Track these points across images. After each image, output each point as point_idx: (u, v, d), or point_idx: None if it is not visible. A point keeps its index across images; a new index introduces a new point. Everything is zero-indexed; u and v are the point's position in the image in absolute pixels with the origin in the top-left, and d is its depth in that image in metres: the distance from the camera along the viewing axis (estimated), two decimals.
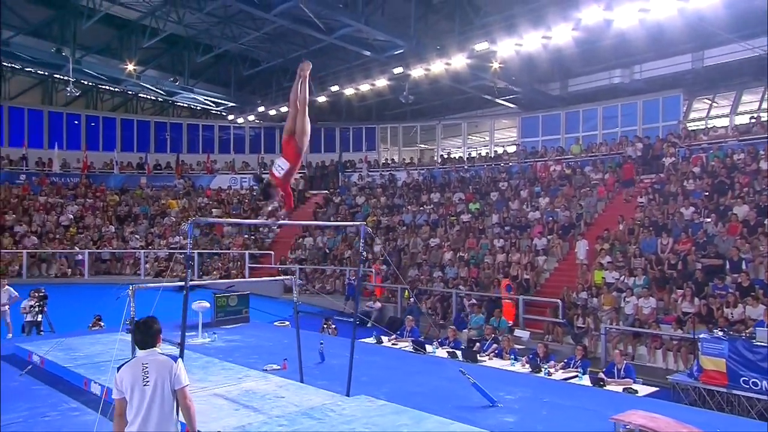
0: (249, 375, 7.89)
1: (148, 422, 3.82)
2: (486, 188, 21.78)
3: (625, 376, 8.40)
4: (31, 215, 22.95)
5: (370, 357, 9.70)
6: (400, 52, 19.90)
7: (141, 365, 3.91)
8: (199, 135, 30.02)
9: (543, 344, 9.86)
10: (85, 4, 21.44)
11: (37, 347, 9.79)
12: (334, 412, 5.83)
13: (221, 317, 13.09)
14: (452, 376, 7.80)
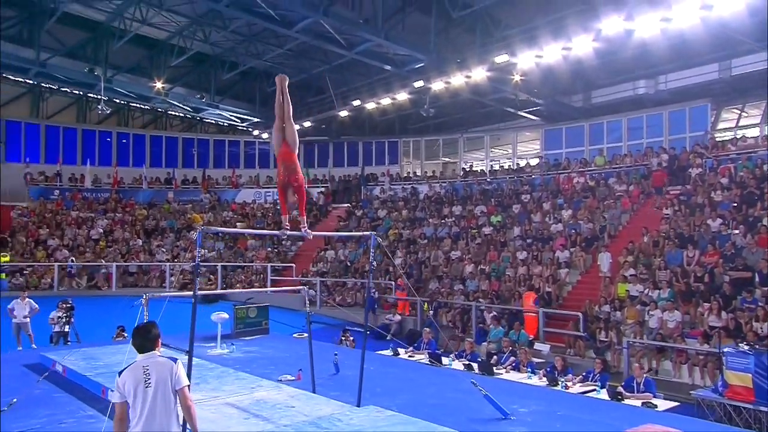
0: (262, 385, 7.91)
1: (152, 422, 3.87)
2: (508, 201, 21.60)
3: (645, 390, 8.16)
4: (63, 229, 23.60)
5: (386, 369, 9.65)
6: (420, 65, 20.01)
7: (142, 368, 3.97)
8: (225, 150, 30.59)
9: (561, 357, 9.66)
10: (116, 26, 22.22)
11: (61, 356, 9.99)
12: (341, 422, 5.79)
13: (241, 329, 13.19)
14: (467, 388, 7.69)
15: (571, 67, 21.15)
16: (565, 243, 17.25)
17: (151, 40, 23.78)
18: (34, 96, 29.64)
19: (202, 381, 8.05)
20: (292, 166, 6.31)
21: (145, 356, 4.04)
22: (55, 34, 22.69)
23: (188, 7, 19.97)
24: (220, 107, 26.60)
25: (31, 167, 26.90)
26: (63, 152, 28.40)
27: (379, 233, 21.84)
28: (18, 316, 13.71)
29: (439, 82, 19.72)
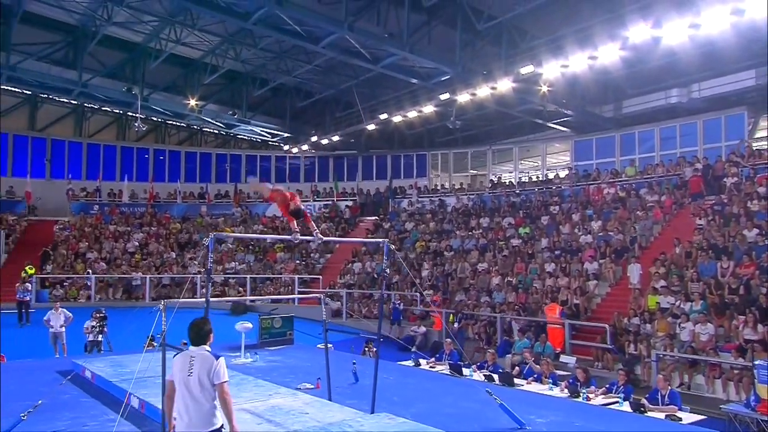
0: (279, 392, 7.97)
1: (189, 406, 4.26)
2: (536, 212, 21.32)
3: (670, 402, 7.87)
4: (102, 242, 24.38)
5: (405, 379, 9.59)
6: (446, 78, 20.06)
7: (189, 357, 4.35)
8: (257, 165, 31.20)
9: (583, 369, 9.41)
10: (153, 46, 23.06)
11: (91, 363, 10.28)
12: (351, 428, 5.79)
13: (266, 339, 13.32)
14: (484, 399, 7.56)
15: (600, 77, 20.92)
16: (594, 254, 16.90)
17: (185, 59, 24.55)
18: (77, 116, 30.93)
19: None
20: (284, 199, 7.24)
21: (196, 348, 4.42)
22: (96, 56, 23.67)
23: (220, 26, 20.54)
24: (252, 123, 27.19)
25: (73, 183, 28.01)
26: (103, 169, 29.49)
27: (405, 246, 21.99)
28: (54, 326, 14.21)
29: (465, 94, 19.69)
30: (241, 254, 23.80)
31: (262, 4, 15.62)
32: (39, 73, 22.63)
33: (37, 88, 25.51)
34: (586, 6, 17.88)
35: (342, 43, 18.17)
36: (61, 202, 27.38)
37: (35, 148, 28.93)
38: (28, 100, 29.22)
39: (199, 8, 17.01)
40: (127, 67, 24.62)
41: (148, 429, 6.93)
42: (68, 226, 25.56)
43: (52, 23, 21.77)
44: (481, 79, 19.22)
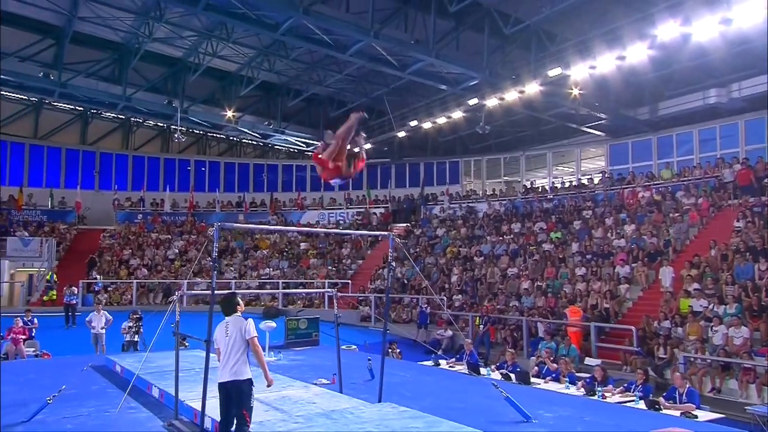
0: (293, 385, 8.15)
1: (229, 359, 5.54)
2: (569, 217, 20.99)
3: (687, 401, 7.61)
4: (144, 250, 25.32)
5: (422, 377, 9.63)
6: (474, 83, 20.07)
7: (225, 324, 5.70)
8: (292, 174, 31.86)
9: (601, 368, 9.21)
10: (192, 60, 24.01)
11: (122, 359, 10.76)
12: (353, 415, 5.89)
13: (292, 339, 13.58)
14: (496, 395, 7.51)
15: (634, 79, 20.52)
16: (626, 258, 16.51)
17: (222, 72, 25.42)
18: (124, 130, 32.37)
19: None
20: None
21: (229, 318, 5.72)
22: (139, 72, 24.80)
23: (254, 39, 21.21)
24: (286, 133, 27.82)
25: (118, 194, 29.26)
26: (147, 179, 30.71)
27: (436, 251, 21.99)
28: (96, 327, 14.90)
29: (494, 98, 19.65)
30: (275, 260, 24.28)
31: (289, 15, 16.08)
32: (87, 89, 23.84)
33: (86, 103, 26.85)
34: (614, 7, 17.67)
35: (369, 50, 18.48)
36: (108, 211, 28.62)
37: (85, 161, 30.42)
38: (80, 117, 30.80)
39: (233, 21, 17.64)
40: (168, 81, 25.67)
41: (164, 415, 7.21)
42: (114, 234, 26.67)
43: (99, 42, 22.95)
44: (509, 83, 19.16)
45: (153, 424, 6.89)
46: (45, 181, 28.98)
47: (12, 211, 26.53)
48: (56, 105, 29.48)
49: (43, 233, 25.07)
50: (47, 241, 24.06)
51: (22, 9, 20.21)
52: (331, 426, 5.44)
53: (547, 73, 17.90)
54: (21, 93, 26.71)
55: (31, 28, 21.77)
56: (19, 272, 23.36)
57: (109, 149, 31.41)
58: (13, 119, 28.92)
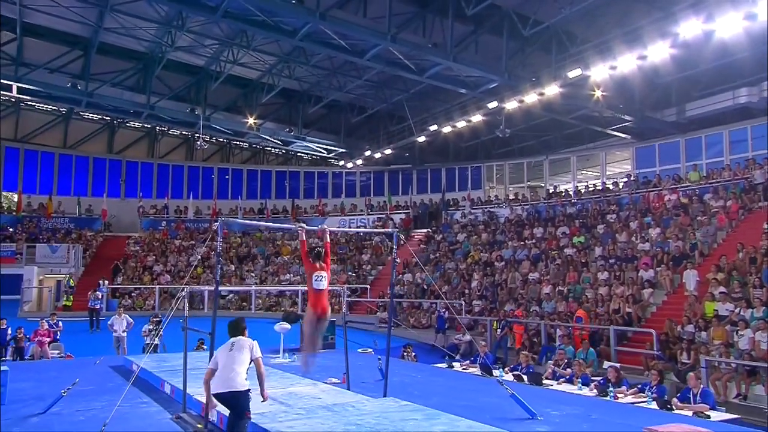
0: (301, 383, 8.28)
1: (229, 372, 5.69)
2: (592, 221, 20.77)
3: (702, 401, 7.49)
4: (167, 256, 25.93)
5: (433, 378, 9.69)
6: (494, 86, 20.10)
7: (230, 343, 5.94)
8: (314, 181, 32.27)
9: (614, 368, 9.12)
10: (214, 68, 24.62)
11: (139, 359, 11.07)
12: (354, 408, 5.99)
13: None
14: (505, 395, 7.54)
15: (660, 80, 20.27)
16: (650, 262, 16.26)
17: (244, 80, 25.97)
18: (149, 138, 33.30)
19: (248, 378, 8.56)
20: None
21: (234, 338, 5.96)
22: (163, 80, 25.52)
23: (274, 45, 21.63)
24: (307, 139, 28.24)
25: (143, 201, 30.07)
26: (171, 187, 31.50)
27: (457, 257, 21.98)
28: (117, 330, 15.39)
29: (513, 101, 19.64)
30: (296, 266, 24.58)
31: (306, 21, 16.42)
32: (113, 98, 24.65)
33: (112, 112, 27.76)
34: (636, 5, 17.55)
35: (387, 55, 18.70)
36: (133, 219, 29.44)
37: (112, 170, 31.38)
38: (107, 126, 31.84)
39: (251, 28, 18.07)
40: (191, 90, 26.36)
41: (173, 410, 7.44)
42: (138, 241, 27.39)
43: (124, 52, 23.74)
44: (528, 85, 19.13)
45: (162, 417, 7.12)
46: (73, 189, 30.00)
47: (42, 218, 27.51)
48: (84, 115, 30.57)
49: (71, 240, 25.90)
50: (74, 247, 24.88)
51: (51, 22, 21.08)
52: (331, 417, 5.55)
53: (567, 75, 17.81)
54: (50, 103, 27.78)
55: (59, 40, 22.66)
56: (47, 278, 24.19)
57: (134, 158, 32.36)
58: (44, 130, 30.08)
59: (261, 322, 18.18)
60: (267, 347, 13.71)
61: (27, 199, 28.19)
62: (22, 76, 22.33)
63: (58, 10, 19.55)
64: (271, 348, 13.09)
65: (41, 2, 19.21)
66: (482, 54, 20.16)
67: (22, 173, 29.20)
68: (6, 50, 22.42)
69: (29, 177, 29.37)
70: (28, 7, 19.79)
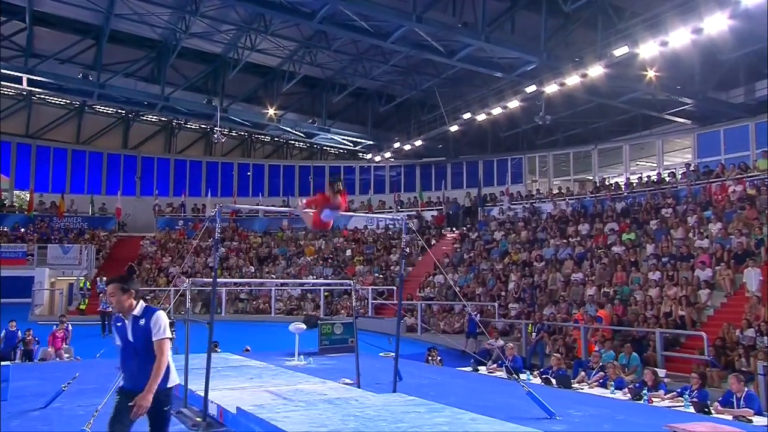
0: (310, 381, 8.60)
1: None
2: (645, 216, 20.49)
3: (746, 405, 7.45)
4: (184, 257, 26.74)
5: (454, 380, 9.88)
6: (532, 68, 20.08)
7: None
8: (340, 176, 32.63)
9: (651, 371, 9.11)
10: (231, 56, 25.32)
11: None
12: (357, 402, 6.25)
13: (326, 345, 14.09)
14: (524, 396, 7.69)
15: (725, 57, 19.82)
16: (708, 260, 16.01)
17: (263, 68, 26.66)
18: (166, 132, 34.41)
19: (256, 377, 8.97)
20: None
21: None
22: (179, 70, 26.40)
23: (294, 30, 22.12)
24: (332, 131, 28.68)
25: (159, 200, 31.08)
26: (189, 184, 32.44)
27: (492, 256, 22.03)
28: None
29: (553, 84, 19.59)
30: (319, 268, 25.04)
31: (324, 1, 16.80)
32: (126, 89, 25.63)
33: (125, 104, 28.82)
34: None
35: (413, 36, 18.92)
36: (149, 218, 30.47)
37: (127, 166, 32.54)
38: (122, 120, 33.06)
39: (267, 11, 18.62)
40: (208, 79, 27.18)
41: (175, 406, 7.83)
42: (154, 241, 28.34)
43: (137, 39, 24.68)
44: (570, 66, 19.05)
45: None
46: (86, 187, 31.24)
47: (54, 218, 28.77)
48: (98, 109, 31.83)
49: (83, 241, 27.00)
50: (87, 248, 25.93)
51: (60, 9, 22.09)
52: (330, 409, 5.82)
53: (613, 53, 17.66)
54: (62, 96, 29.03)
55: (70, 28, 23.74)
56: (59, 281, 25.28)
57: (150, 153, 33.46)
58: (57, 124, 31.44)
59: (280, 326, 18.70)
60: (282, 350, 14.23)
61: (39, 197, 29.48)
62: (32, 67, 23.45)
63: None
64: (287, 351, 13.47)
65: None
66: (519, 33, 20.17)
67: (34, 171, 30.56)
68: (16, 40, 23.63)
69: (41, 174, 30.73)
70: None
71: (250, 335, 18.80)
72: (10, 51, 24.00)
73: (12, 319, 15.79)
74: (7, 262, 24.56)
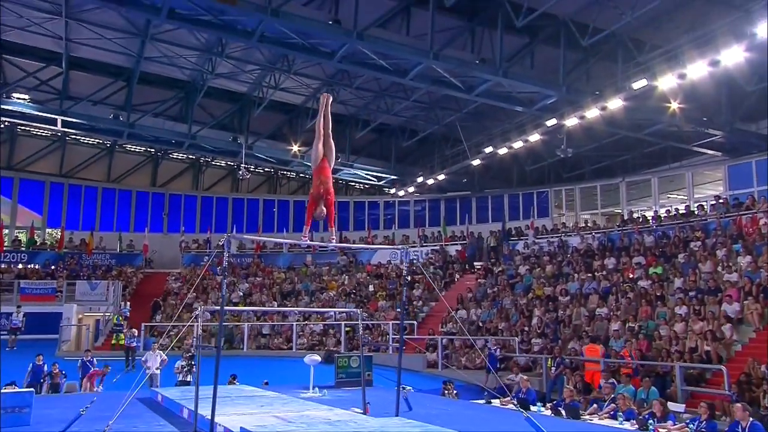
0: (318, 408, 9.00)
1: None
2: (673, 250, 20.53)
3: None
4: (208, 293, 27.53)
5: (465, 411, 10.14)
6: (552, 101, 20.58)
7: None
8: (364, 212, 33.35)
9: (660, 401, 9.23)
10: (256, 95, 26.49)
11: (165, 390, 12.24)
12: (356, 424, 6.64)
13: (342, 378, 14.43)
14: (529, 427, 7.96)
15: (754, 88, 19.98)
16: (736, 295, 15.99)
17: (287, 105, 27.75)
18: (194, 170, 35.73)
19: (266, 405, 9.43)
20: (327, 181, 7.75)
21: None
22: (206, 109, 27.67)
23: (317, 69, 23.19)
24: (355, 166, 29.47)
25: (185, 236, 32.11)
26: (215, 220, 33.46)
27: (516, 291, 22.21)
28: (151, 367, 16.66)
29: (574, 118, 20.03)
30: (341, 303, 25.46)
31: (343, 42, 17.69)
32: (154, 128, 26.95)
33: (153, 143, 30.16)
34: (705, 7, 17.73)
35: (431, 73, 19.65)
36: (175, 254, 31.47)
37: (155, 203, 33.81)
38: (151, 158, 34.50)
39: (288, 51, 19.63)
40: (233, 118, 28.38)
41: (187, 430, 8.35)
42: (179, 277, 29.22)
43: (165, 81, 26.04)
44: (590, 100, 19.50)
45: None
46: (115, 224, 32.51)
47: (83, 255, 29.98)
48: (128, 148, 33.33)
49: (111, 277, 28.04)
50: (114, 284, 26.91)
51: (95, 54, 23.59)
52: (329, 430, 6.23)
53: (632, 86, 18.08)
54: (93, 136, 30.60)
55: (103, 71, 25.23)
56: (86, 316, 26.20)
57: (178, 190, 34.74)
58: (89, 163, 33.00)
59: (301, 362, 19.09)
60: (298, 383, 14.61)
61: (69, 235, 30.80)
62: (67, 109, 24.91)
63: (102, 42, 21.89)
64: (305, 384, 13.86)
65: (87, 35, 21.61)
66: (539, 68, 20.77)
67: (66, 208, 31.98)
68: (53, 84, 25.21)
69: (72, 212, 32.12)
70: (74, 41, 22.30)
71: (270, 370, 19.22)
72: (46, 94, 25.62)
73: (39, 353, 16.55)
74: (37, 298, 25.72)
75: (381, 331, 23.19)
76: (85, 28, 20.92)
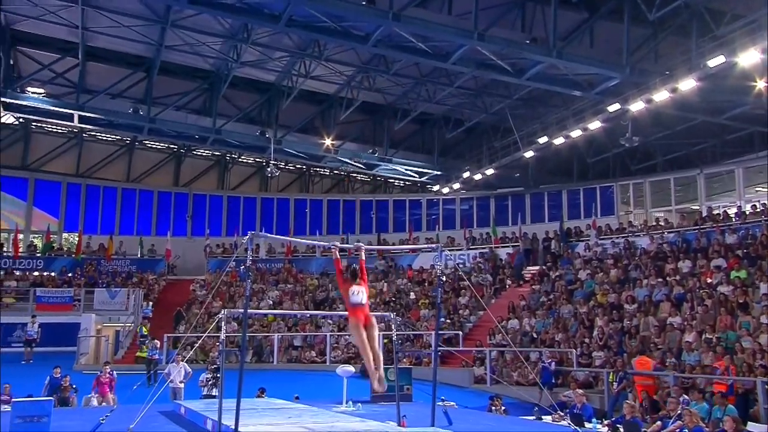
0: (349, 420, 9.32)
1: None
2: (759, 251, 20.13)
3: None
4: (236, 301, 28.21)
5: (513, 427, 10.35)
6: (614, 83, 20.46)
7: None
8: (405, 212, 33.57)
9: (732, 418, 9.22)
10: (285, 84, 27.07)
11: (188, 403, 12.79)
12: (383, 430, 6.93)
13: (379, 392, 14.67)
14: None
15: None
16: None
17: (319, 95, 28.30)
18: (220, 168, 36.65)
19: (295, 417, 9.82)
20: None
21: None
22: (231, 100, 28.43)
23: (351, 54, 23.56)
24: (394, 161, 29.76)
25: (211, 239, 32.89)
26: (242, 222, 34.15)
27: (575, 297, 22.15)
28: (174, 380, 17.23)
29: (640, 102, 19.88)
30: (380, 312, 25.74)
31: (378, 24, 18.00)
32: (176, 123, 27.82)
33: (175, 138, 31.07)
34: None
35: (476, 56, 19.82)
36: (200, 260, 32.26)
37: (178, 204, 34.71)
38: (173, 156, 35.57)
39: (319, 35, 20.06)
40: (261, 110, 29.10)
41: None
42: (204, 284, 30.01)
43: (188, 70, 26.87)
44: (659, 81, 19.32)
45: None
46: (136, 227, 33.57)
47: (101, 260, 31.06)
48: (149, 145, 34.46)
49: (131, 284, 28.97)
50: (134, 292, 27.78)
51: (112, 44, 24.53)
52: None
53: (707, 63, 17.85)
54: (112, 133, 31.72)
55: (120, 61, 26.20)
56: (105, 327, 27.14)
57: (202, 190, 35.62)
58: (107, 162, 34.21)
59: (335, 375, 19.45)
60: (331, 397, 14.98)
61: (87, 239, 31.94)
62: (83, 103, 25.96)
63: (120, 30, 22.75)
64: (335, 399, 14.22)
65: (104, 24, 22.50)
66: (599, 46, 20.69)
67: (84, 211, 33.17)
68: (68, 77, 26.31)
69: (91, 215, 33.29)
70: (90, 30, 23.23)
71: (302, 384, 19.65)
72: (62, 88, 26.76)
73: (57, 365, 17.33)
74: (53, 307, 26.76)
75: (423, 343, 23.36)
76: (103, 15, 21.75)
